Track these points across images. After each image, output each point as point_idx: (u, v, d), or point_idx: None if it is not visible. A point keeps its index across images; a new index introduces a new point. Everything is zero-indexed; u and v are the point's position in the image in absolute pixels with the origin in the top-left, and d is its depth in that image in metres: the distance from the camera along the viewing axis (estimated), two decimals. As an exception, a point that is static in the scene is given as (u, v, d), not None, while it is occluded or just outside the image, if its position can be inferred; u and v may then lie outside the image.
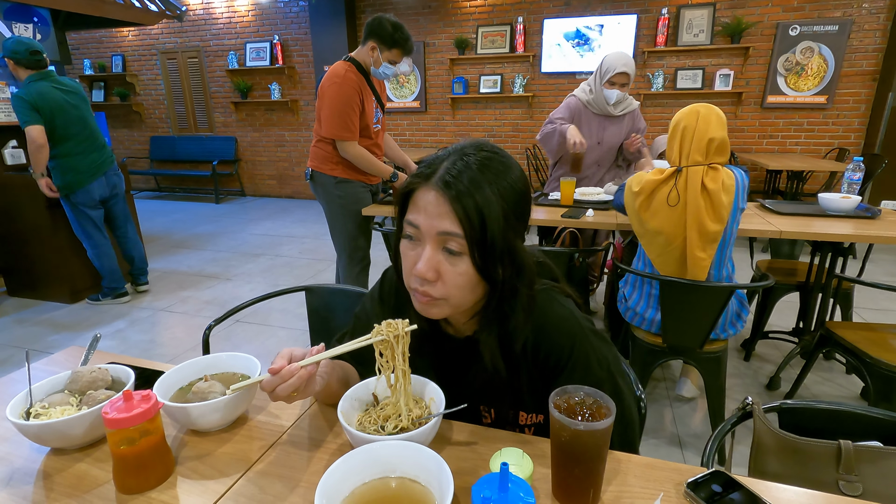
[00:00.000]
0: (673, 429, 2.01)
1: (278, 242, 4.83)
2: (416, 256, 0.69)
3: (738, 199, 1.65)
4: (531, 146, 5.53)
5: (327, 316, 1.44)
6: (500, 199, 0.66)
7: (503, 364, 0.76)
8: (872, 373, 1.66)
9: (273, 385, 0.68)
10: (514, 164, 0.72)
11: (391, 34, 2.19)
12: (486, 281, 0.70)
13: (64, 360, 1.04)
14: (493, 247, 0.66)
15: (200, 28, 6.71)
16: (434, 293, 0.70)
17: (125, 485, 0.68)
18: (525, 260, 0.72)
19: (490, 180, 0.67)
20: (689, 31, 4.93)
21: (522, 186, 0.71)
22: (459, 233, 0.65)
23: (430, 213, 0.67)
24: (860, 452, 0.82)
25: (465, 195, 0.65)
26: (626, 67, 2.40)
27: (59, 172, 2.93)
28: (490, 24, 5.56)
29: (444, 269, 0.68)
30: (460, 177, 0.66)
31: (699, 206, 1.64)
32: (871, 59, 4.60)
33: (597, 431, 0.59)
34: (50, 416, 0.75)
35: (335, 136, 2.26)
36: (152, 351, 2.75)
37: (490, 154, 0.70)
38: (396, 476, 0.64)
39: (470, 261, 0.67)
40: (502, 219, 0.66)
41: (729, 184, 1.63)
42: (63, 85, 2.92)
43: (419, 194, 0.69)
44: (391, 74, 2.31)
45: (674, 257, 1.74)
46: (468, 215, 0.64)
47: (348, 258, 2.53)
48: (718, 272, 1.75)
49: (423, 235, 0.68)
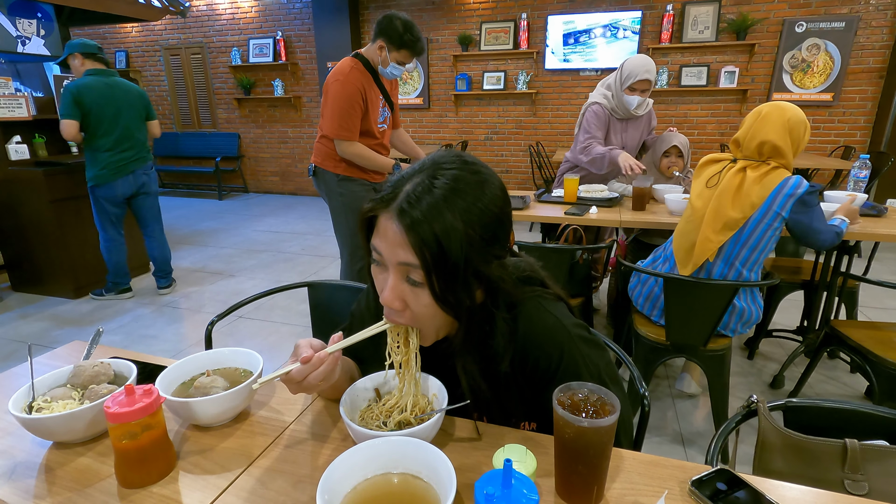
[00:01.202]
0: (675, 426, 2.00)
1: (281, 239, 4.83)
2: (383, 281, 0.67)
3: (773, 198, 1.56)
4: (534, 143, 5.51)
5: (329, 312, 1.43)
6: (465, 225, 0.62)
7: (486, 385, 0.74)
8: (877, 372, 1.65)
9: (305, 373, 0.67)
10: (491, 182, 0.67)
11: (401, 34, 2.13)
12: (447, 313, 0.67)
13: (66, 355, 1.04)
14: (455, 276, 0.63)
15: (204, 24, 6.71)
16: (402, 321, 0.69)
17: (127, 479, 0.68)
18: (501, 283, 0.68)
19: (454, 205, 0.62)
20: (694, 27, 4.90)
21: (496, 208, 0.66)
22: (417, 263, 0.62)
23: (389, 241, 0.64)
24: (866, 451, 0.82)
25: (421, 223, 0.60)
26: (648, 74, 2.36)
27: (89, 164, 3.05)
28: (494, 21, 5.54)
29: (408, 298, 0.67)
30: (419, 203, 0.61)
31: (729, 191, 1.63)
32: (878, 57, 4.56)
33: (601, 428, 0.59)
34: (52, 410, 0.75)
35: (333, 135, 2.24)
36: (155, 346, 2.75)
37: (461, 174, 0.65)
38: (399, 472, 0.63)
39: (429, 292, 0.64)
40: (467, 245, 0.62)
41: (772, 180, 1.57)
42: (116, 84, 3.02)
43: (381, 220, 0.65)
44: (399, 75, 2.28)
45: (687, 233, 1.76)
46: (424, 245, 0.61)
47: (350, 255, 2.53)
48: (727, 267, 1.72)
49: (387, 263, 0.66)
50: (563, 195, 2.49)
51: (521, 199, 2.44)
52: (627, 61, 2.42)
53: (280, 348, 2.69)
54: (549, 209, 2.36)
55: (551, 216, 2.28)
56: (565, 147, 5.64)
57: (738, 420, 0.88)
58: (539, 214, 2.31)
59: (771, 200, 1.58)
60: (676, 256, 1.82)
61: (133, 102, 3.08)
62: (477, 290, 0.69)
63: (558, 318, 0.74)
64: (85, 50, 2.94)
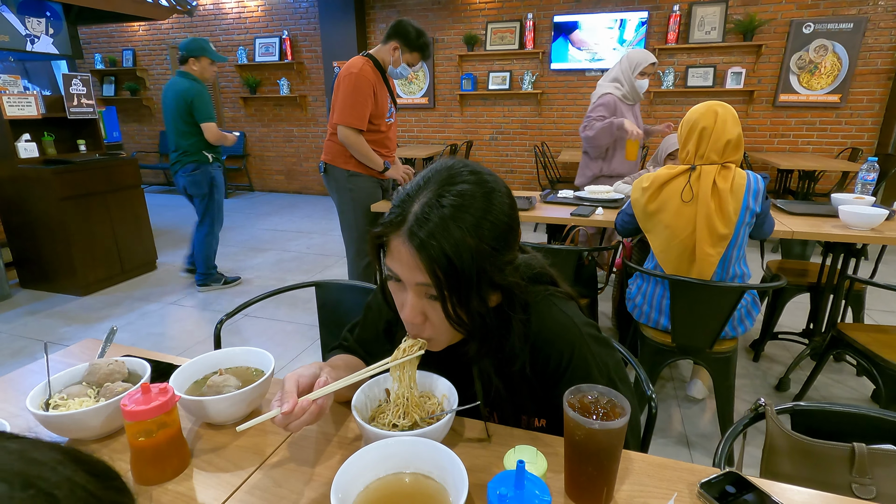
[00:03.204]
0: (681, 428, 2.00)
1: (287, 238, 4.85)
2: (403, 299, 0.69)
3: (747, 200, 1.63)
4: (539, 143, 5.51)
5: (337, 311, 1.44)
6: (477, 240, 0.62)
7: (501, 383, 0.76)
8: (885, 375, 1.64)
9: (286, 422, 0.67)
10: (499, 191, 0.67)
11: (415, 38, 2.33)
12: (458, 332, 0.69)
13: (80, 353, 1.06)
14: (469, 290, 0.64)
15: (210, 23, 6.73)
16: (424, 335, 0.71)
17: (143, 476, 0.69)
18: (514, 286, 0.69)
19: (463, 221, 0.62)
20: (700, 28, 4.89)
21: (506, 216, 0.67)
22: (431, 283, 0.64)
23: (404, 264, 0.65)
24: (874, 455, 0.82)
25: (432, 245, 0.61)
26: (654, 58, 2.71)
27: None
28: (499, 21, 5.54)
29: (429, 312, 0.68)
30: (427, 223, 0.62)
31: (710, 206, 1.63)
32: (885, 58, 4.54)
33: (612, 430, 0.60)
34: (69, 407, 0.77)
35: (343, 122, 2.31)
36: (163, 344, 2.77)
37: (467, 188, 0.65)
38: (410, 472, 0.64)
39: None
40: (479, 259, 0.63)
41: (739, 183, 1.62)
42: (169, 85, 3.11)
43: (393, 243, 0.66)
44: (406, 76, 2.43)
45: (676, 252, 1.74)
46: (437, 265, 0.61)
47: (356, 251, 2.60)
48: (724, 271, 1.74)
49: (405, 284, 0.67)
50: (588, 192, 2.56)
51: (527, 200, 2.44)
52: (631, 53, 2.74)
53: (286, 347, 2.71)
54: (555, 210, 2.37)
55: (557, 217, 2.28)
56: (571, 147, 5.65)
57: (745, 423, 0.89)
58: (545, 215, 2.31)
59: (746, 203, 1.64)
60: (668, 272, 1.81)
61: (169, 104, 3.09)
62: (492, 296, 0.70)
63: (570, 317, 0.76)
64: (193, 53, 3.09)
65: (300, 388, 0.70)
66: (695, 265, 1.71)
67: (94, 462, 0.31)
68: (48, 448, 0.29)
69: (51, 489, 0.26)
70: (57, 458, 0.29)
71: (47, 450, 0.29)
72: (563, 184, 4.96)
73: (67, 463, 0.29)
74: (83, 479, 0.29)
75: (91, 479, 0.29)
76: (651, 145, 4.91)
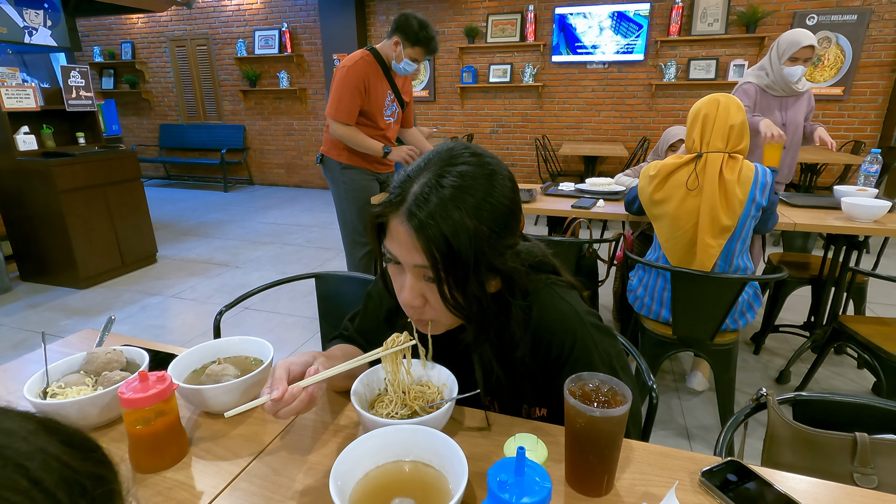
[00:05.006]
0: (681, 420, 2.01)
1: (286, 231, 4.84)
2: (402, 282, 0.68)
3: (753, 193, 1.62)
4: (540, 136, 5.49)
5: (336, 303, 1.44)
6: (476, 222, 0.61)
7: (502, 371, 0.75)
8: (885, 367, 1.64)
9: (275, 409, 0.66)
10: (500, 173, 0.66)
11: (416, 32, 2.23)
12: (455, 315, 0.68)
13: (78, 343, 1.05)
14: (467, 273, 0.62)
15: (209, 15, 6.69)
16: (424, 317, 0.70)
17: (141, 464, 0.68)
18: (514, 271, 0.68)
19: (463, 202, 0.61)
20: (703, 20, 4.85)
21: (507, 199, 0.66)
22: (428, 264, 0.63)
23: (403, 244, 0.64)
24: (876, 445, 0.81)
25: (431, 225, 0.60)
26: (811, 41, 2.27)
27: None
28: (500, 13, 5.50)
29: (428, 294, 0.67)
30: (427, 204, 0.61)
31: (714, 196, 1.62)
32: (889, 50, 4.50)
33: (612, 418, 0.59)
34: (66, 395, 0.76)
35: (331, 116, 2.31)
36: (163, 336, 2.77)
37: (468, 169, 0.64)
38: (410, 460, 0.64)
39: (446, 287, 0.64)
40: (478, 242, 0.62)
41: (747, 175, 1.61)
42: None
43: (392, 223, 0.65)
44: (410, 71, 2.35)
45: (681, 243, 1.74)
46: (435, 246, 0.60)
47: (351, 242, 2.60)
48: (726, 263, 1.73)
49: (404, 266, 0.66)
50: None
51: (528, 193, 2.43)
52: (784, 35, 2.34)
53: (286, 339, 2.71)
54: (556, 202, 2.35)
55: (558, 209, 2.27)
56: (571, 140, 5.61)
57: (747, 413, 0.89)
58: (546, 208, 2.30)
59: (752, 196, 1.63)
60: (672, 263, 1.80)
61: None
62: (492, 280, 0.69)
63: (572, 306, 0.75)
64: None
65: (291, 375, 0.69)
66: (696, 256, 1.71)
67: (72, 433, 0.30)
68: (20, 417, 0.28)
69: (21, 460, 0.25)
70: (29, 428, 0.27)
71: (19, 419, 0.28)
72: (563, 177, 4.94)
73: (40, 433, 0.27)
74: (57, 450, 0.27)
75: (66, 450, 0.28)
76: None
